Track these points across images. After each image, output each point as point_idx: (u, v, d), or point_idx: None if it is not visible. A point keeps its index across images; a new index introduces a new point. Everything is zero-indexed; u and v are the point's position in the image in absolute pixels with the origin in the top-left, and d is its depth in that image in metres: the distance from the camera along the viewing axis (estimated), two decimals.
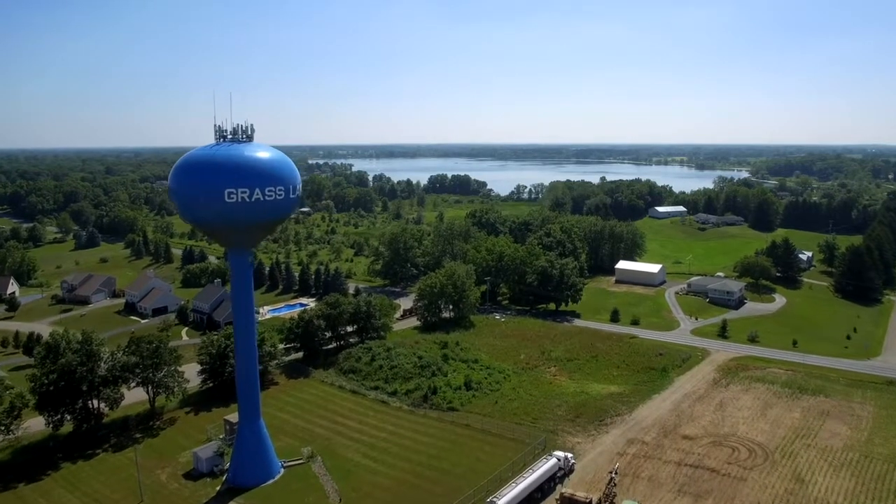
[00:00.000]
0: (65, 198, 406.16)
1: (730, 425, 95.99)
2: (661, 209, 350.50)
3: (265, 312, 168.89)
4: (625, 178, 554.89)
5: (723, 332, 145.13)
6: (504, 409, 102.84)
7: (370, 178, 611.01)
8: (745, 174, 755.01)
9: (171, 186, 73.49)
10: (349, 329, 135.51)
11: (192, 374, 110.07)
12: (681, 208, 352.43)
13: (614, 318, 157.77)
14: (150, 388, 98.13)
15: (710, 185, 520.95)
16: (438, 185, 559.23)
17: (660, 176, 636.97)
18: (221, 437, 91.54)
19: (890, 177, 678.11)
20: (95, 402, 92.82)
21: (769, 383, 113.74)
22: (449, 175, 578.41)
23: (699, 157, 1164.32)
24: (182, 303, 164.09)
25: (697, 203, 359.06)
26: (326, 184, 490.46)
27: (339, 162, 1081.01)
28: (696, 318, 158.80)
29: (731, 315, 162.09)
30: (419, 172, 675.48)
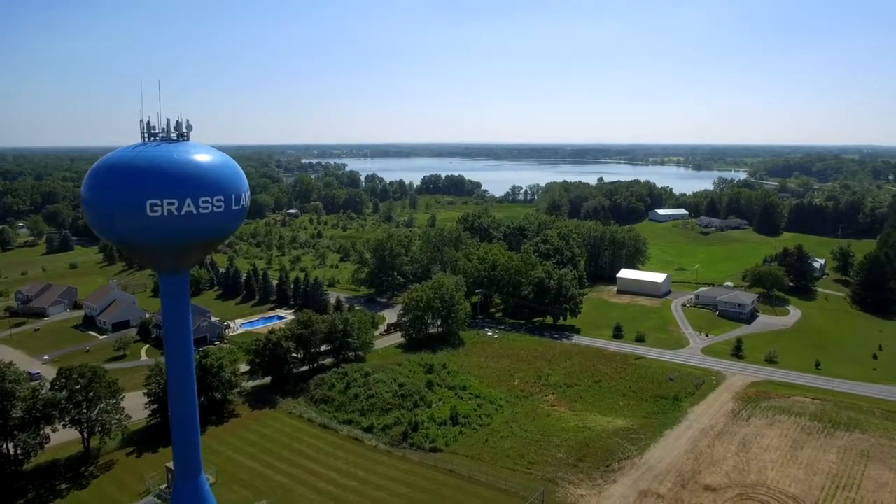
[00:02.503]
0: (42, 198, 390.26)
1: (757, 471, 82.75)
2: (661, 212, 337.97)
3: (237, 327, 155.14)
4: (622, 178, 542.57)
5: (737, 352, 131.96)
6: (495, 449, 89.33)
7: (362, 178, 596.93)
8: (743, 175, 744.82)
9: (83, 196, 59.48)
10: (324, 348, 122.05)
11: (141, 403, 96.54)
12: (682, 211, 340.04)
13: (617, 334, 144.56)
14: (82, 427, 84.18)
15: (710, 187, 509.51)
16: (432, 185, 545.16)
17: (657, 176, 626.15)
18: (163, 487, 77.94)
19: (890, 178, 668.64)
20: (12, 447, 78.81)
21: (796, 415, 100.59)
22: (443, 175, 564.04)
23: (696, 158, 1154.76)
24: (145, 316, 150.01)
25: (699, 205, 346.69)
26: (316, 184, 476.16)
27: (332, 161, 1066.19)
28: (707, 335, 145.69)
29: (743, 331, 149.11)
30: (413, 172, 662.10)
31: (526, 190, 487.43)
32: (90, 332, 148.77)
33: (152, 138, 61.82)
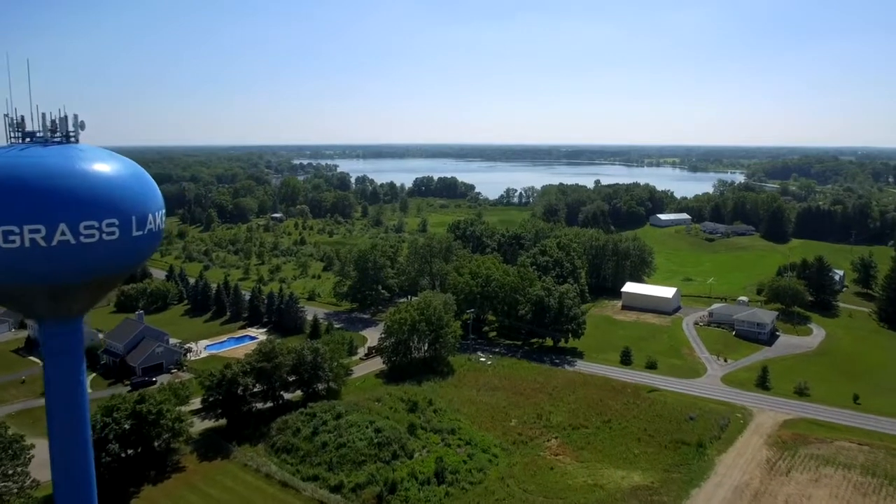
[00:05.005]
0: None
1: None
2: (663, 217, 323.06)
3: (200, 350, 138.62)
4: (618, 180, 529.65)
5: (762, 382, 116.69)
6: None
7: (353, 179, 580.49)
8: (741, 177, 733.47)
9: None
10: (293, 378, 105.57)
11: None
12: (684, 216, 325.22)
13: (625, 359, 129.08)
14: None
15: (709, 189, 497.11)
16: (424, 187, 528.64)
17: (653, 178, 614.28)
18: None
19: (890, 180, 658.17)
20: None
21: (844, 468, 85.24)
22: (435, 177, 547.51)
23: (692, 159, 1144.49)
24: (93, 340, 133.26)
25: (702, 210, 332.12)
26: (303, 187, 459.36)
27: (324, 162, 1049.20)
28: (725, 360, 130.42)
29: (764, 354, 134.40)
30: (406, 173, 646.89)
31: (521, 193, 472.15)
32: (31, 358, 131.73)
33: (26, 139, 46.01)
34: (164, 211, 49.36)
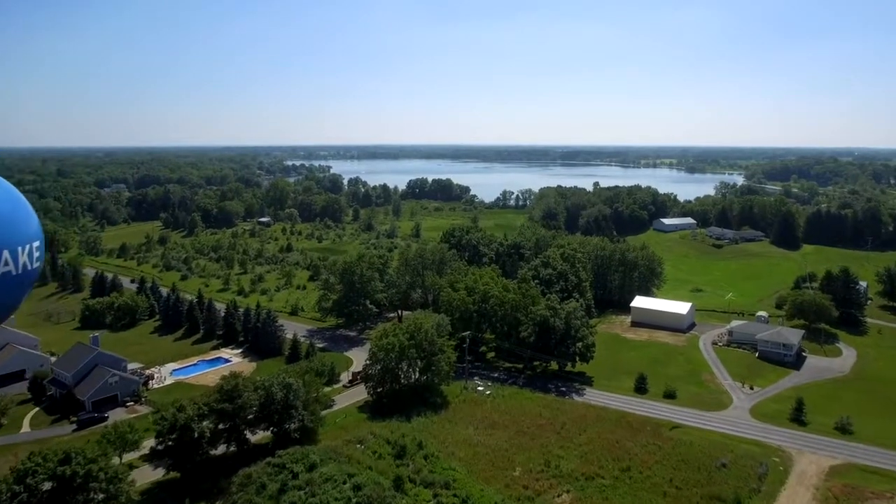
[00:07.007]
0: None
1: None
2: (667, 221, 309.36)
3: (164, 376, 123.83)
4: (615, 181, 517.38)
5: (797, 415, 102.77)
6: None
7: (345, 181, 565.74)
8: (740, 178, 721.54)
9: None
10: (259, 416, 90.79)
11: None
12: (689, 220, 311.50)
13: (640, 386, 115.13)
14: None
15: (711, 191, 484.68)
16: (418, 189, 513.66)
17: (651, 179, 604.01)
18: None
19: (892, 181, 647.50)
20: None
21: None
22: (429, 179, 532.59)
23: (688, 160, 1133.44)
24: (42, 366, 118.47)
25: (707, 214, 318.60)
26: (293, 189, 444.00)
27: (318, 164, 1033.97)
28: (751, 387, 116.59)
29: (793, 379, 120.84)
30: (401, 175, 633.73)
31: (518, 195, 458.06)
32: None
33: None
34: (39, 242, 35.28)
